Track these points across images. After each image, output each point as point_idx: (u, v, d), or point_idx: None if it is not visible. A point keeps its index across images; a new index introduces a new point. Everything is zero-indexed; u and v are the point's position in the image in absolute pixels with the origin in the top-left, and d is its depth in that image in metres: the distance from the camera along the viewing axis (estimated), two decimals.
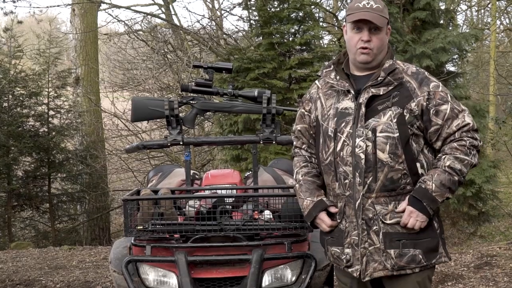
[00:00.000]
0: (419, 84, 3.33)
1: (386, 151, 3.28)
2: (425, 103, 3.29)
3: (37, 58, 16.22)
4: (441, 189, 3.25)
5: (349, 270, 3.41)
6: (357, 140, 3.30)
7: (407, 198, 3.30)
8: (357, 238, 3.35)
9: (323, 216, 3.45)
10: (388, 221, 3.30)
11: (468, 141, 3.28)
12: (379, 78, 3.33)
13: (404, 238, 3.30)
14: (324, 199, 3.49)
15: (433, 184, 3.24)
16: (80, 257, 9.88)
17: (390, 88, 3.32)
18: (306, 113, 3.61)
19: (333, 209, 3.44)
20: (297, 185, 3.59)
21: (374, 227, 3.32)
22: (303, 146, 3.66)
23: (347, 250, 3.40)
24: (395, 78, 3.33)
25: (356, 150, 3.30)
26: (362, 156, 3.29)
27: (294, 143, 3.72)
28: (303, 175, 3.59)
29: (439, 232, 3.40)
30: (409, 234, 3.30)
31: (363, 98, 3.33)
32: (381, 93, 3.31)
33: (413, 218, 3.26)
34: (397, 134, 3.27)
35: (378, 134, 3.28)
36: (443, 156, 3.29)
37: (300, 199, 3.56)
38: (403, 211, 3.28)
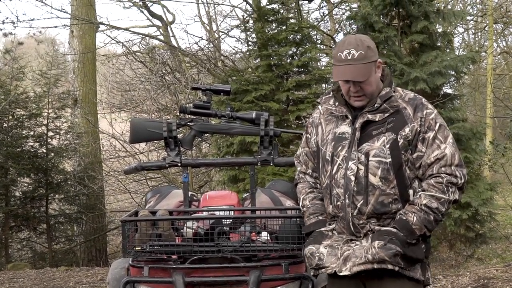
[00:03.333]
0: (414, 110, 3.39)
1: (377, 175, 3.33)
2: (418, 129, 3.35)
3: (38, 79, 16.26)
4: (421, 225, 3.30)
5: (322, 270, 3.43)
6: (350, 163, 3.36)
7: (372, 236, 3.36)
8: (339, 243, 3.40)
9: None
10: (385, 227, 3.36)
11: (445, 179, 3.32)
12: (375, 105, 3.39)
13: (393, 236, 3.29)
14: (328, 221, 3.54)
15: (415, 218, 3.30)
16: (77, 278, 9.87)
17: (386, 115, 3.39)
18: (308, 136, 3.69)
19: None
20: (305, 209, 3.63)
21: (365, 237, 3.37)
22: (308, 171, 3.71)
23: (322, 249, 3.42)
24: (391, 105, 3.39)
25: (348, 172, 3.36)
26: (352, 178, 3.34)
27: (299, 168, 3.76)
28: (311, 200, 3.64)
29: (425, 253, 3.41)
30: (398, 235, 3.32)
31: (358, 122, 3.39)
32: (377, 119, 3.38)
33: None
34: (390, 160, 3.33)
35: (370, 158, 3.34)
36: (420, 194, 3.34)
37: (306, 219, 3.61)
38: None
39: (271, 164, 4.37)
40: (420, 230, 3.30)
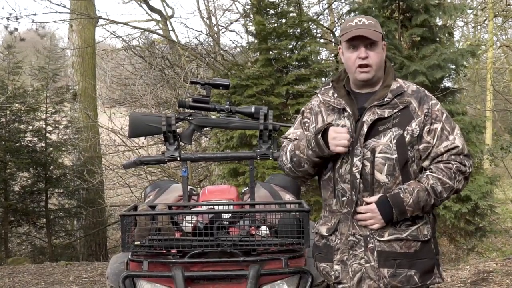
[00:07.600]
0: (419, 103, 3.34)
1: (383, 172, 3.29)
2: (425, 120, 3.31)
3: (36, 74, 16.23)
4: (415, 207, 3.26)
5: (339, 286, 3.42)
6: (355, 159, 3.30)
7: (379, 195, 3.29)
8: (347, 254, 3.36)
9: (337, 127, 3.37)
10: (385, 238, 3.30)
11: (455, 165, 3.29)
12: (385, 99, 3.34)
13: (400, 257, 3.29)
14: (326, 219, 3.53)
15: (411, 199, 3.24)
16: (77, 272, 9.87)
17: (395, 110, 3.32)
18: (307, 121, 3.60)
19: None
20: (294, 143, 3.52)
21: (370, 245, 3.32)
22: None
23: (336, 267, 3.41)
24: (401, 101, 3.34)
25: (353, 169, 3.31)
26: (358, 175, 3.30)
27: (285, 144, 3.63)
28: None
29: (435, 252, 3.39)
30: (405, 253, 3.30)
31: (368, 118, 3.32)
32: (386, 116, 3.31)
33: (374, 219, 3.28)
34: (396, 156, 3.28)
35: (377, 155, 3.29)
36: (428, 174, 3.29)
37: (301, 144, 3.45)
38: (369, 204, 3.29)
39: (270, 158, 4.37)
40: (412, 212, 3.28)
